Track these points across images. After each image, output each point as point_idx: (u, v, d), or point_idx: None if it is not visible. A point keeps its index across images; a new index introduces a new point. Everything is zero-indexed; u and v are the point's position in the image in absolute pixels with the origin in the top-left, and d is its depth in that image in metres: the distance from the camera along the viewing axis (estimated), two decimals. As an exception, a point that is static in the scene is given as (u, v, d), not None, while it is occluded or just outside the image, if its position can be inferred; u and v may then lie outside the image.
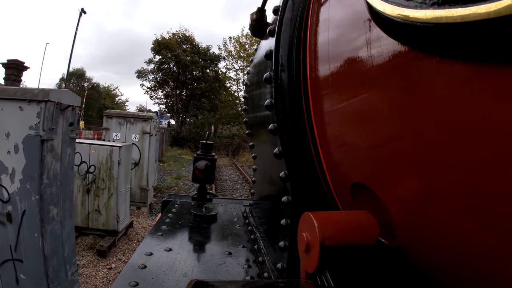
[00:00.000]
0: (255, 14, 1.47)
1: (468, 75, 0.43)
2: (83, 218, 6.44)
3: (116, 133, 8.75)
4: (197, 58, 37.98)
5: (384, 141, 0.65)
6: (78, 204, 6.28)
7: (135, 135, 8.84)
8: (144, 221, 8.49)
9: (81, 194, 6.36)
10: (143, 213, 9.03)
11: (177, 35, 39.32)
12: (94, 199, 6.35)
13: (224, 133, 48.20)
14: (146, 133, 8.94)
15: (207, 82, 39.82)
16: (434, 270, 0.62)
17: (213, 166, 2.55)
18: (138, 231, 7.80)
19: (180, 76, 39.37)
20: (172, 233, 1.67)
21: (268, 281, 0.94)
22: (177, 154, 25.66)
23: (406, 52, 0.54)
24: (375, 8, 0.57)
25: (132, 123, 8.84)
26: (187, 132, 35.23)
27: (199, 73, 39.52)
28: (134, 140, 8.68)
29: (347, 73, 0.76)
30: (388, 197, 0.67)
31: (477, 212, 0.46)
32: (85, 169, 6.34)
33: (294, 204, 1.07)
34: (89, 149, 6.31)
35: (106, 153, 6.31)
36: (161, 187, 12.72)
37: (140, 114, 9.54)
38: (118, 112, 9.57)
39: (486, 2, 0.36)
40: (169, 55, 37.72)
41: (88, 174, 6.35)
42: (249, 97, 1.88)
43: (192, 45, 39.52)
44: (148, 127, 8.93)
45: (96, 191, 6.34)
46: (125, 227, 7.05)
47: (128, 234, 7.29)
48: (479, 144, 0.43)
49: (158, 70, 39.56)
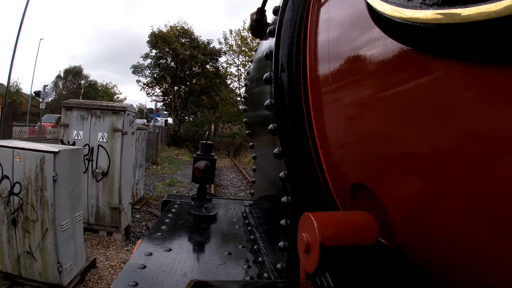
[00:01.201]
0: (255, 15, 1.47)
1: (468, 76, 0.43)
2: (13, 263, 4.02)
3: (78, 131, 6.24)
4: (196, 53, 34.85)
5: (384, 142, 0.65)
6: (3, 241, 3.99)
7: (102, 134, 6.23)
8: (116, 254, 5.72)
9: (5, 227, 3.95)
10: (116, 241, 6.29)
11: (175, 28, 35.83)
12: (23, 236, 3.92)
13: (224, 132, 46.52)
14: (117, 131, 6.20)
15: (207, 78, 37.09)
16: (434, 270, 0.62)
17: (213, 166, 2.55)
18: (104, 273, 4.94)
19: (178, 72, 36.48)
20: (172, 233, 1.66)
21: (268, 281, 0.94)
22: (174, 155, 23.34)
23: (406, 53, 0.54)
24: (375, 8, 0.57)
25: (98, 116, 6.20)
26: (186, 131, 32.88)
27: (198, 69, 36.89)
28: (101, 141, 6.26)
29: (347, 73, 0.76)
30: (388, 198, 0.67)
31: (477, 212, 0.46)
32: (7, 189, 3.88)
33: (294, 205, 1.07)
34: (12, 156, 3.86)
35: (35, 164, 3.81)
36: (148, 197, 9.97)
37: (110, 104, 6.58)
38: (80, 102, 6.82)
39: (486, 2, 0.36)
40: (166, 49, 34.53)
41: (12, 197, 3.88)
42: (249, 97, 1.88)
43: (191, 38, 36.01)
44: (120, 123, 6.19)
45: (25, 224, 3.89)
46: (80, 273, 4.48)
47: (85, 283, 4.59)
48: (479, 144, 0.43)
49: (155, 66, 36.54)
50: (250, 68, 1.96)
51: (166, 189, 11.78)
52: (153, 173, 14.87)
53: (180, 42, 34.70)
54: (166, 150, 24.51)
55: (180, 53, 34.04)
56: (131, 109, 6.61)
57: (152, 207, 9.24)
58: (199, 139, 26.70)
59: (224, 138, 43.31)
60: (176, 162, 19.93)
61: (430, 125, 0.51)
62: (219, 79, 38.02)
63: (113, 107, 6.31)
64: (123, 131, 6.24)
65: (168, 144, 29.01)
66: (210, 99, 38.49)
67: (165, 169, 16.71)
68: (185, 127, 33.96)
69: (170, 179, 13.58)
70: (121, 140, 6.25)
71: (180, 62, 35.57)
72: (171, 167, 17.65)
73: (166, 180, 13.42)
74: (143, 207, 8.98)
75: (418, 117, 0.54)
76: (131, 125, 6.74)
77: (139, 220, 7.99)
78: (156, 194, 10.76)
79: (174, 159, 21.47)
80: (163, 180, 13.57)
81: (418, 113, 0.53)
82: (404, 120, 0.58)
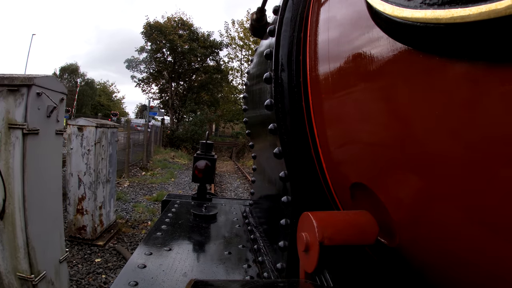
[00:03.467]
0: (255, 14, 1.47)
1: (468, 75, 0.43)
2: None
3: None
4: (195, 45, 31.29)
5: (384, 141, 0.65)
6: None
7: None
8: None
9: None
10: None
11: (173, 20, 32.24)
12: None
13: (226, 132, 43.19)
14: (14, 128, 2.91)
15: (207, 73, 33.68)
16: (434, 270, 0.62)
17: (213, 166, 2.56)
18: None
19: (176, 67, 32.86)
20: (172, 233, 1.67)
21: (268, 281, 0.94)
22: (169, 158, 20.41)
23: (406, 53, 0.54)
24: (375, 8, 0.57)
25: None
26: (184, 131, 29.43)
27: (198, 64, 33.43)
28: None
29: (347, 73, 0.76)
30: (388, 197, 0.67)
31: (477, 212, 0.46)
32: None
33: (294, 204, 1.07)
34: None
35: None
36: (122, 223, 6.85)
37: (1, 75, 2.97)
38: None
39: (486, 2, 0.36)
40: (162, 40, 30.88)
41: None
42: (249, 97, 1.89)
43: (190, 30, 32.30)
44: (20, 111, 2.92)
45: None
46: None
47: None
48: (478, 144, 0.43)
49: (151, 60, 32.75)
50: (250, 67, 1.97)
51: (150, 207, 8.58)
52: (140, 183, 11.75)
53: (177, 34, 31.38)
54: (161, 152, 21.68)
55: (178, 46, 30.74)
56: (46, 83, 3.16)
57: (125, 240, 5.91)
58: (198, 139, 25.07)
59: (225, 138, 40.01)
60: (170, 167, 16.96)
61: (430, 125, 0.51)
62: (220, 75, 34.76)
63: (10, 79, 2.93)
64: (27, 127, 2.94)
65: (165, 145, 26.37)
66: (211, 95, 35.07)
67: (156, 175, 13.80)
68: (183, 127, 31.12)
69: (158, 191, 10.43)
70: (21, 146, 2.93)
71: (178, 56, 32.23)
72: (163, 173, 14.73)
73: (153, 193, 10.26)
74: (110, 241, 5.73)
75: (418, 117, 0.54)
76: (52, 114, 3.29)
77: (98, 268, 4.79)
78: (135, 217, 7.51)
79: (169, 162, 18.57)
80: (150, 192, 10.42)
81: (418, 113, 0.53)
82: (404, 119, 0.58)
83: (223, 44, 33.79)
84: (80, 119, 5.43)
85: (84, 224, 5.48)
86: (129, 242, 6.06)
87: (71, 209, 5.44)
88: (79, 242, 5.47)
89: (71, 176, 5.32)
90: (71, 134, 5.28)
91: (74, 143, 5.28)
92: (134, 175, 13.02)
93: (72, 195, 5.37)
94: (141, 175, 13.52)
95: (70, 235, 5.47)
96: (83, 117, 5.44)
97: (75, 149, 5.27)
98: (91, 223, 5.49)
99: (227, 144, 35.30)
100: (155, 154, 19.84)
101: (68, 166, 5.34)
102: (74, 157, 5.28)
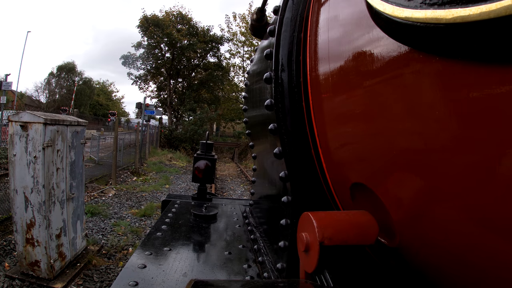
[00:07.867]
0: (255, 14, 1.47)
1: (468, 75, 0.43)
2: None
3: None
4: (195, 40, 29.61)
5: (384, 141, 0.65)
6: None
7: None
8: None
9: None
10: None
11: (171, 14, 30.35)
12: None
13: (227, 132, 41.28)
14: None
15: (208, 70, 31.91)
16: (433, 270, 0.62)
17: (213, 166, 2.56)
18: None
19: (175, 63, 31.07)
20: (172, 233, 1.67)
21: (268, 281, 0.94)
22: (166, 160, 18.50)
23: (406, 52, 0.54)
24: (375, 8, 0.57)
25: None
26: (183, 130, 27.66)
27: (197, 61, 31.99)
28: None
29: (347, 73, 0.76)
30: (388, 197, 0.67)
31: (477, 211, 0.46)
32: None
33: (294, 204, 1.07)
34: None
35: None
36: (94, 250, 4.94)
37: None
38: None
39: (486, 2, 0.36)
40: (160, 34, 28.78)
41: None
42: (249, 97, 1.89)
43: (190, 25, 30.37)
44: None
45: None
46: None
47: None
48: (478, 143, 0.43)
49: (149, 56, 30.87)
50: (250, 67, 1.96)
51: (135, 225, 6.69)
52: (127, 191, 9.77)
53: (176, 28, 29.67)
54: (157, 154, 20.04)
55: (177, 40, 28.93)
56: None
57: (94, 279, 4.26)
58: (198, 140, 24.11)
59: (227, 138, 38.01)
60: (166, 171, 14.97)
61: (430, 125, 0.51)
62: (221, 72, 32.84)
63: None
64: None
65: (162, 146, 24.94)
66: (211, 93, 33.02)
67: (149, 181, 11.99)
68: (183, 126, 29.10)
69: (148, 203, 8.50)
70: None
71: (176, 52, 30.34)
72: (157, 178, 12.81)
73: (142, 205, 8.40)
74: (73, 282, 4.06)
75: (418, 116, 0.54)
76: None
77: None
78: (112, 241, 5.48)
79: (165, 166, 16.69)
80: (138, 204, 8.49)
81: (418, 112, 0.53)
82: (404, 119, 0.58)
83: (224, 38, 32.10)
84: (25, 113, 3.71)
85: (37, 258, 3.82)
86: (100, 281, 4.25)
87: (20, 238, 3.80)
88: (32, 283, 3.85)
89: (15, 193, 3.69)
90: (13, 135, 3.64)
91: (17, 147, 3.62)
92: (124, 181, 11.33)
93: (18, 220, 3.75)
94: (131, 181, 11.75)
95: (22, 272, 3.92)
96: (28, 111, 3.76)
97: (19, 156, 3.62)
98: (45, 257, 3.82)
99: (228, 145, 33.16)
100: (150, 156, 18.38)
101: (12, 179, 3.72)
102: (18, 167, 3.64)
